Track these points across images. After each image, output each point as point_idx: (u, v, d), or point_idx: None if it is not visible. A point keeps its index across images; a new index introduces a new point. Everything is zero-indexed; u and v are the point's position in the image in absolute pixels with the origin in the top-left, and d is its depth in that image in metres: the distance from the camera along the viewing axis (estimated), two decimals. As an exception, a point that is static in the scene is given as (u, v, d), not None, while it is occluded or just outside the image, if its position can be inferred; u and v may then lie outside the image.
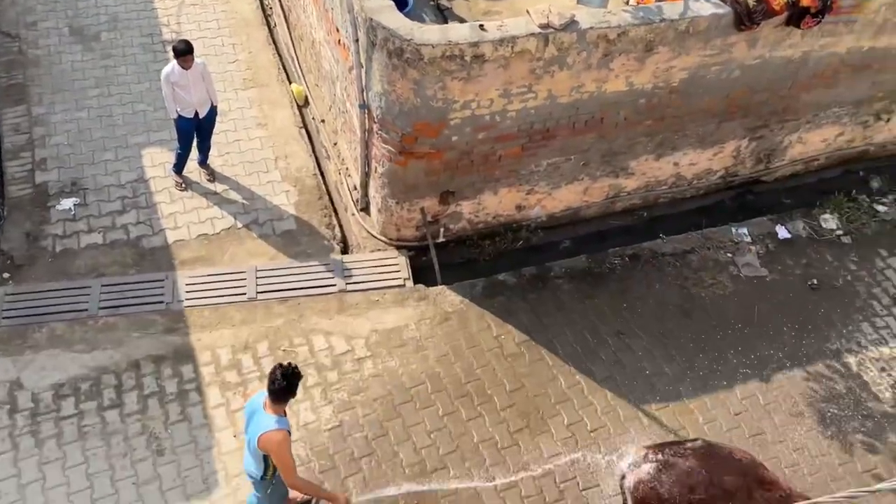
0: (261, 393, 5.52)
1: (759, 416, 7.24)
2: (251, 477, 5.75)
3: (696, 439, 5.74)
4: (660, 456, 5.55)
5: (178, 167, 8.66)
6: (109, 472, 6.55)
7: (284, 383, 5.25)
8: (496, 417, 7.07)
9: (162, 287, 7.81)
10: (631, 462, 5.71)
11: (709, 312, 7.99)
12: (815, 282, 8.30)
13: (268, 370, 7.23)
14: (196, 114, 8.21)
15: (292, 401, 5.57)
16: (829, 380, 7.55)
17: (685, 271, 8.33)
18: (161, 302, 7.70)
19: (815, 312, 8.07)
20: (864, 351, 7.78)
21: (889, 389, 7.50)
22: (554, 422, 7.07)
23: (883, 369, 7.65)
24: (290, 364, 5.34)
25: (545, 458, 6.80)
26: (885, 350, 7.80)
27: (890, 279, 8.38)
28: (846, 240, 8.72)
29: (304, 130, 9.52)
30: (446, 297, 7.93)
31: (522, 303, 7.91)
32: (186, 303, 7.71)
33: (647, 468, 5.54)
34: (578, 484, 6.71)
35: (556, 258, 8.43)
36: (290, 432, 5.45)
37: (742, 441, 6.87)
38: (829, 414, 7.30)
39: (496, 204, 8.26)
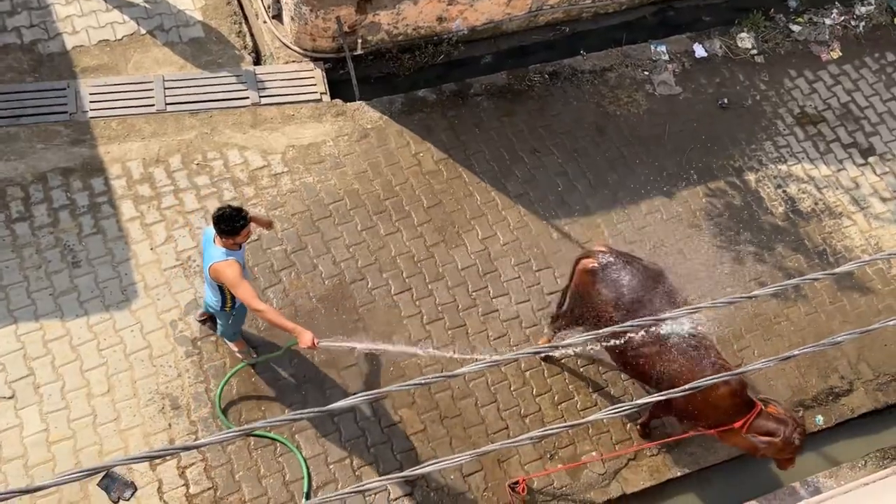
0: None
1: (661, 229, 7.66)
2: (212, 310, 5.86)
3: (655, 264, 6.11)
4: (611, 258, 5.96)
5: (71, -36, 7.95)
6: (24, 284, 6.54)
7: (223, 226, 5.18)
8: (413, 232, 7.27)
9: (64, 96, 7.44)
10: (590, 252, 6.11)
11: (622, 130, 8.16)
12: (726, 101, 8.51)
13: (182, 185, 7.19)
14: None
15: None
16: (729, 195, 7.98)
17: (602, 89, 8.39)
18: (65, 112, 7.36)
19: (723, 131, 8.34)
20: (763, 168, 8.18)
21: (782, 204, 8.00)
22: (469, 236, 7.33)
23: (779, 186, 8.10)
24: (237, 206, 5.25)
25: (459, 270, 7.11)
26: (783, 168, 8.21)
27: (795, 99, 8.66)
28: (759, 59, 8.87)
29: (209, -74, 8.77)
30: (365, 112, 7.83)
31: (442, 120, 7.90)
32: (92, 113, 7.39)
33: (597, 261, 5.96)
34: (490, 292, 7.10)
35: (476, 74, 8.33)
36: (242, 264, 5.40)
37: (642, 252, 7.30)
38: (725, 227, 7.78)
39: (416, 15, 7.98)
